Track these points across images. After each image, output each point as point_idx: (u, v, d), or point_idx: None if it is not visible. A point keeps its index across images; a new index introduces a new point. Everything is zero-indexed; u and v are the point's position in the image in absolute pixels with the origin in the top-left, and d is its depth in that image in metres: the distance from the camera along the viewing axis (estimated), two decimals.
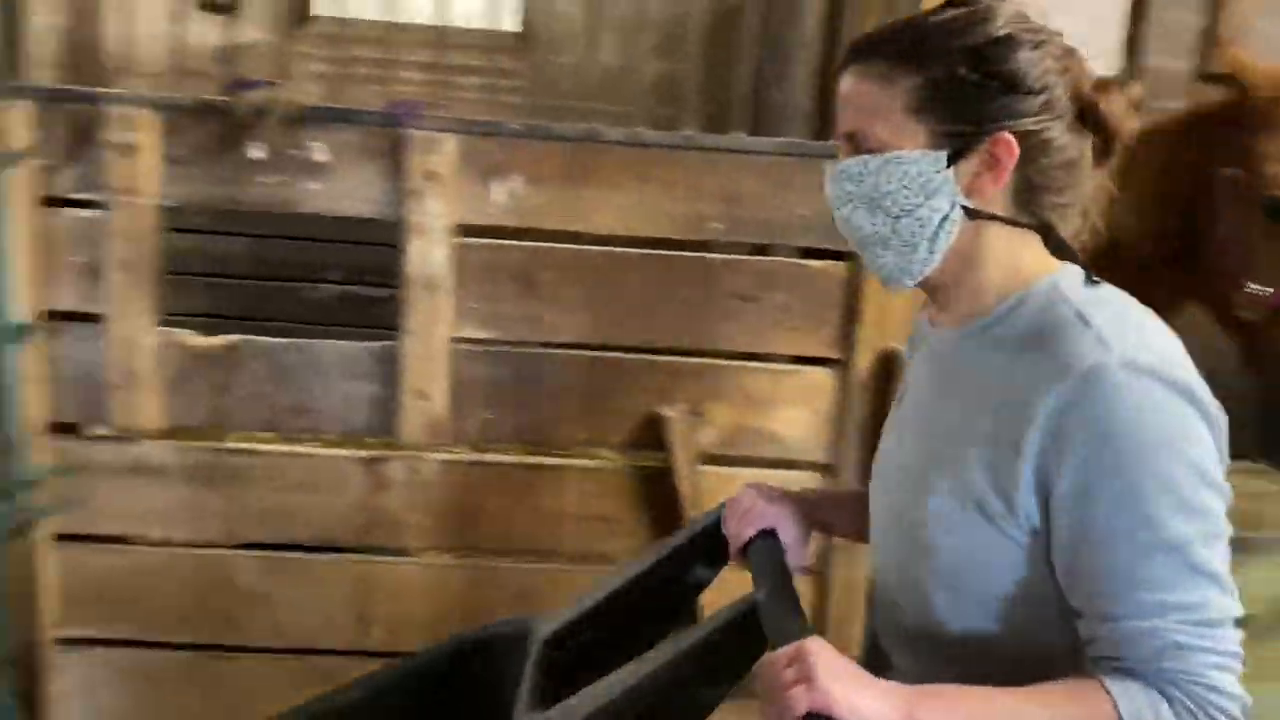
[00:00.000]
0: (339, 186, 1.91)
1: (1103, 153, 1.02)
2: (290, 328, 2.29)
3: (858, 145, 1.02)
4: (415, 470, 2.00)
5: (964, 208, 0.99)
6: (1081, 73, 1.00)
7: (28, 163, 1.83)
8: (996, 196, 0.99)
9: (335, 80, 2.83)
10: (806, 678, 0.84)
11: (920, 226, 1.00)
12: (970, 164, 0.98)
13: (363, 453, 2.01)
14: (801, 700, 0.83)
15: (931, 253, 1.01)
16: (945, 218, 0.99)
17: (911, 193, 0.99)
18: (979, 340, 1.03)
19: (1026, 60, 0.97)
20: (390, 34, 3.29)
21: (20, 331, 1.85)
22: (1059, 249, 1.02)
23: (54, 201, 1.87)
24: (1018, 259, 1.01)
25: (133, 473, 1.97)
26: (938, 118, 0.98)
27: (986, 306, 1.02)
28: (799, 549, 1.21)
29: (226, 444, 2.00)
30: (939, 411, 1.06)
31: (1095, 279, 1.00)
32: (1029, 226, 1.00)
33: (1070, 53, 1.01)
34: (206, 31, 2.79)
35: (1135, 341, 0.92)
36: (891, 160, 0.99)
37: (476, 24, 4.06)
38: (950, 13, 1.01)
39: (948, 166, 0.98)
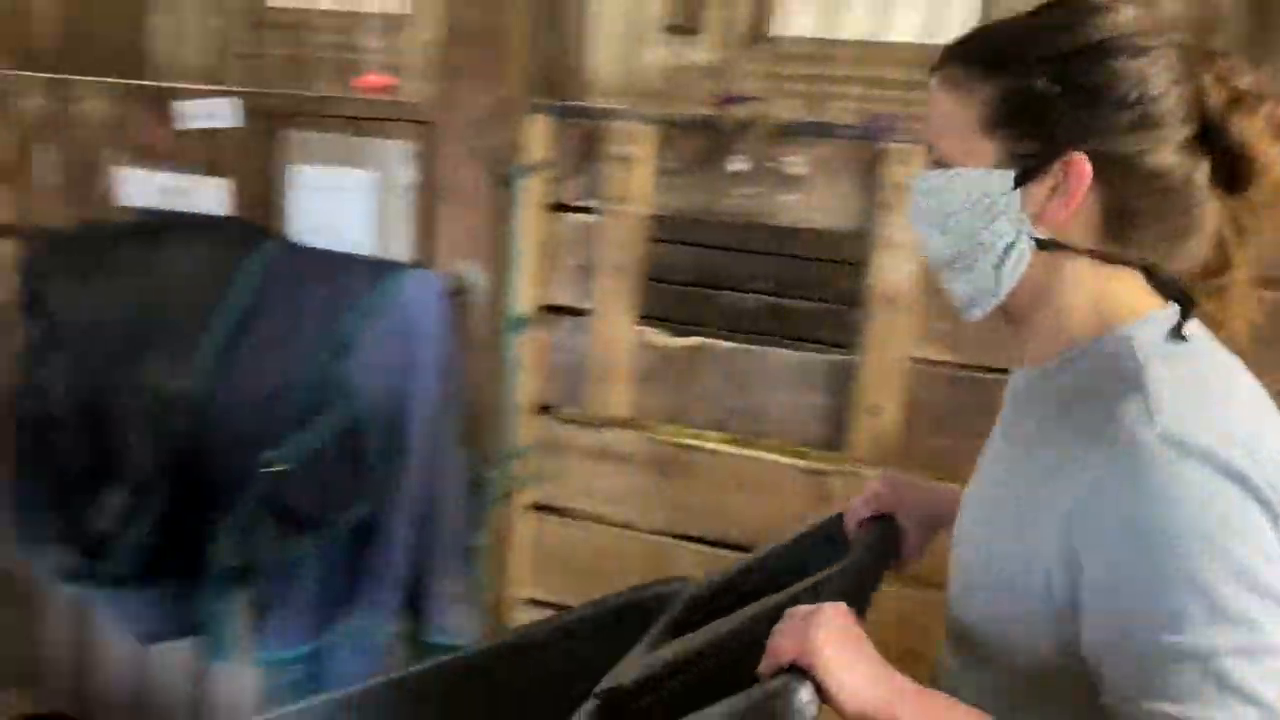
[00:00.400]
0: (813, 199, 1.95)
1: (1231, 179, 0.86)
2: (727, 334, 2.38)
3: (934, 158, 0.94)
4: (860, 486, 1.99)
5: (1034, 237, 0.89)
6: (1214, 84, 0.85)
7: (541, 172, 2.06)
8: (1077, 225, 0.88)
9: (798, 96, 2.90)
10: (807, 635, 0.84)
11: (984, 253, 0.91)
12: (1042, 187, 0.87)
13: (808, 463, 2.04)
14: (789, 651, 0.84)
15: (998, 283, 0.91)
16: (1011, 245, 0.89)
17: (975, 215, 0.90)
18: (1042, 386, 0.93)
19: (1121, 70, 0.84)
20: (854, 51, 3.29)
21: (522, 322, 2.09)
22: (1164, 288, 0.89)
23: (558, 208, 2.09)
24: (1104, 298, 0.89)
25: (600, 456, 2.15)
26: (1010, 134, 0.88)
27: (1059, 349, 0.92)
28: (915, 540, 1.17)
29: (682, 439, 2.13)
30: (1000, 453, 0.99)
31: (1182, 332, 0.86)
32: (1119, 261, 0.88)
33: (1204, 58, 0.86)
34: (671, 53, 2.97)
35: (1193, 413, 0.80)
36: (956, 177, 0.90)
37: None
38: (1049, 14, 0.89)
39: (1015, 188, 0.88)
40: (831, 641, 0.84)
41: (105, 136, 2.36)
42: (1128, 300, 0.89)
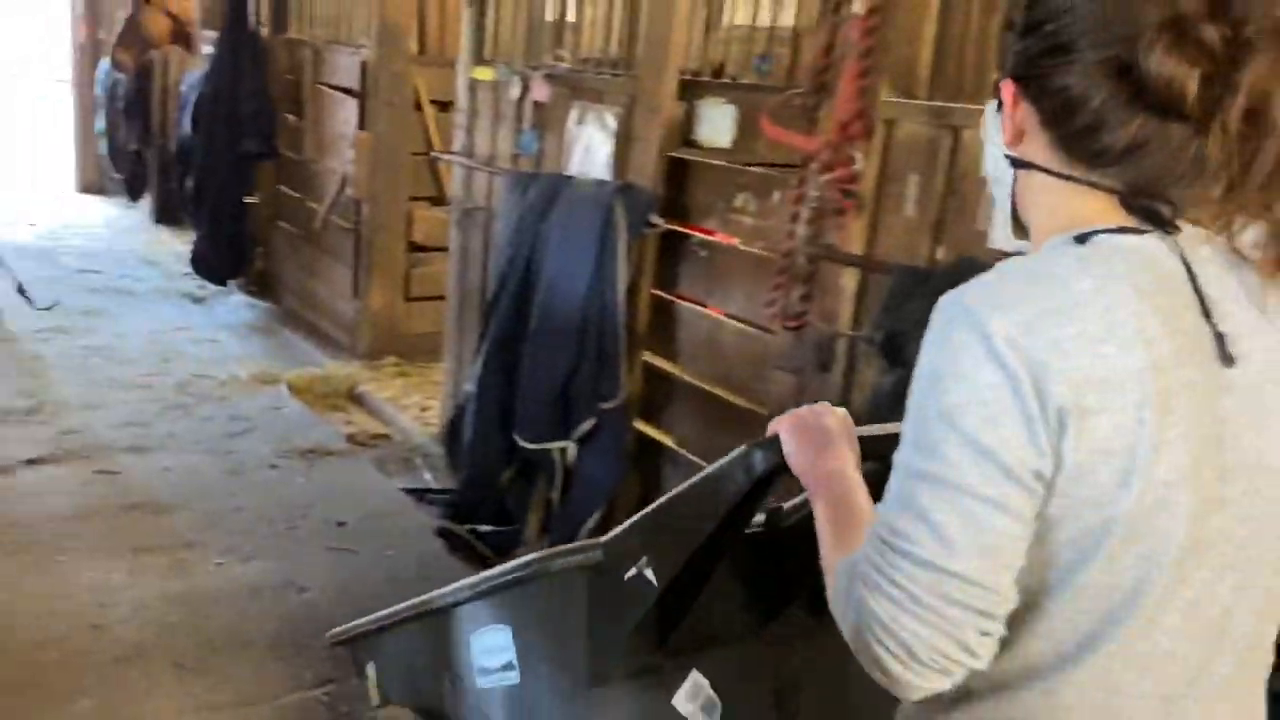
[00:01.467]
0: None
1: (1159, 106, 0.87)
2: None
3: None
4: None
5: (1007, 156, 0.99)
6: (1154, 14, 0.86)
7: None
8: (1037, 146, 0.96)
9: None
10: (786, 417, 1.19)
11: (994, 171, 1.05)
12: (1004, 114, 0.99)
13: None
14: (773, 428, 1.18)
15: (998, 199, 1.05)
16: (999, 166, 1.02)
17: (989, 141, 1.05)
18: None
19: (1056, 2, 0.91)
20: None
21: None
22: (1132, 208, 0.92)
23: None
24: (1063, 213, 0.95)
25: None
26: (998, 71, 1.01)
27: None
28: None
29: None
30: None
31: (1083, 237, 0.91)
32: (1076, 180, 0.93)
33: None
34: None
35: (995, 289, 0.90)
36: (987, 108, 1.05)
37: None
38: None
39: (998, 113, 1.00)
40: (799, 424, 1.17)
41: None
42: (1087, 216, 0.93)
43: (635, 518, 1.37)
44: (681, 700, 1.39)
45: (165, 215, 8.42)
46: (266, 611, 3.05)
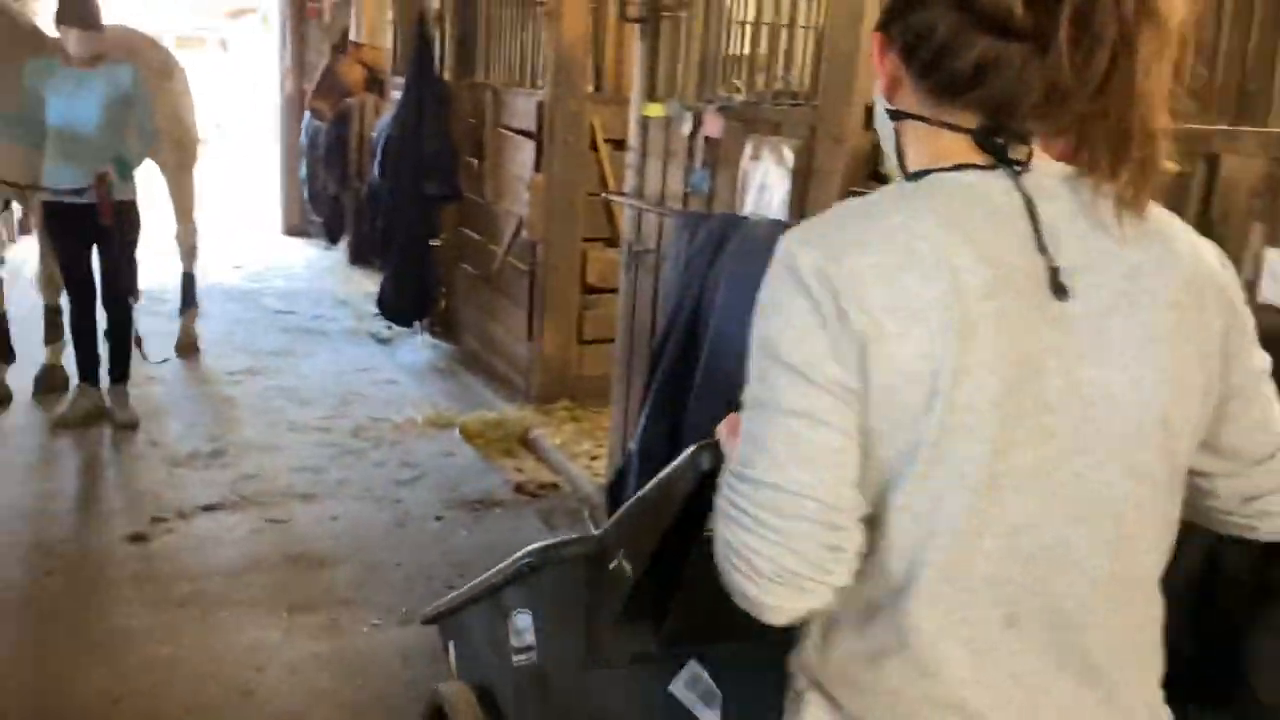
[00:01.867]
0: None
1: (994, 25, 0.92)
2: None
3: None
4: None
5: (886, 108, 1.04)
6: None
7: None
8: (906, 94, 1.00)
9: None
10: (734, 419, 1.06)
11: (879, 125, 1.08)
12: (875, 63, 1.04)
13: None
14: (719, 432, 1.15)
15: (889, 150, 1.07)
16: (881, 117, 1.06)
17: (876, 96, 1.08)
18: None
19: None
20: None
21: None
22: (982, 145, 0.96)
23: None
24: (927, 157, 1.00)
25: None
26: None
27: None
28: None
29: None
30: None
31: (917, 175, 0.99)
32: (937, 123, 0.98)
33: None
34: None
35: (816, 228, 0.98)
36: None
37: None
38: None
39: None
40: (735, 425, 1.02)
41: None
42: (943, 157, 0.98)
43: (618, 513, 1.51)
44: (679, 687, 1.47)
45: (360, 257, 8.73)
46: (418, 679, 2.89)
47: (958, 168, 0.96)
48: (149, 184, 5.76)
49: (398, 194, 6.29)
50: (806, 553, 0.90)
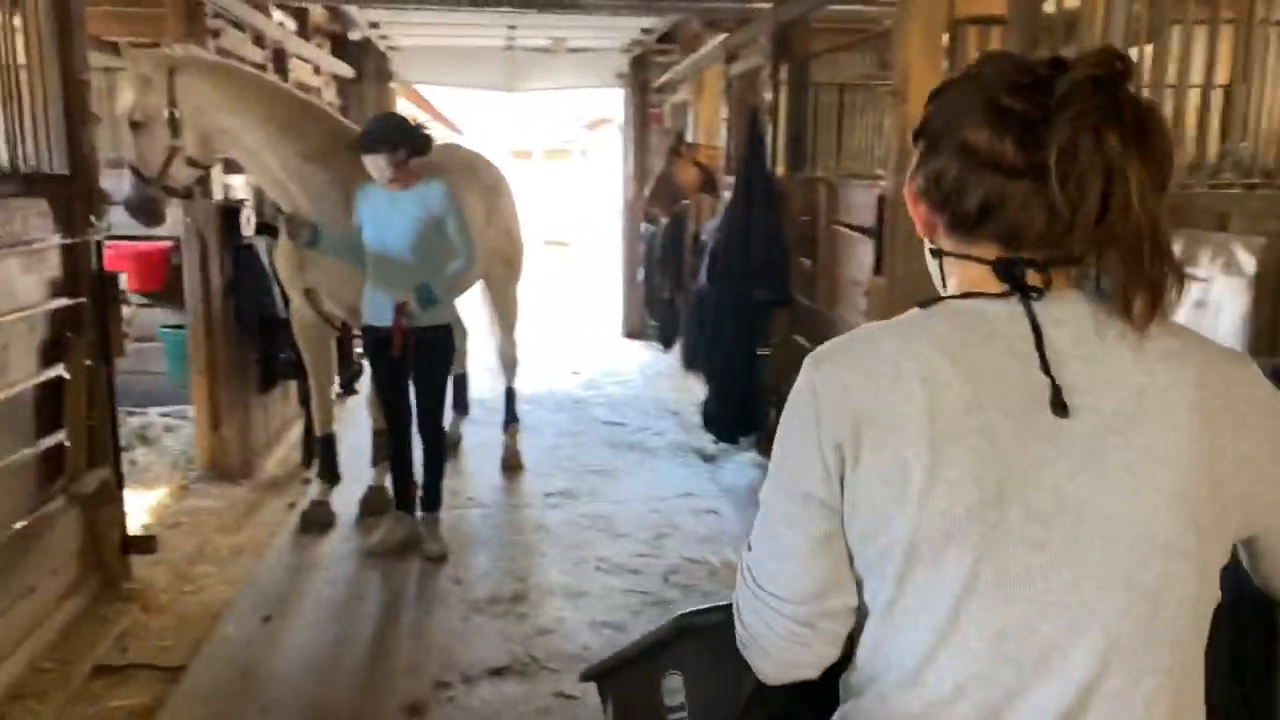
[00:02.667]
0: None
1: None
2: None
3: None
4: None
5: (929, 249, 1.16)
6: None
7: None
8: (943, 234, 1.11)
9: None
10: None
11: (929, 265, 1.18)
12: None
13: None
14: None
15: (937, 284, 1.16)
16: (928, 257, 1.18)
17: None
18: None
19: (926, 119, 1.12)
20: None
21: None
22: (1000, 274, 1.06)
23: None
24: (953, 287, 1.11)
25: None
26: None
27: None
28: None
29: None
30: None
31: (927, 303, 1.09)
32: (963, 256, 1.09)
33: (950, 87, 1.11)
34: None
35: (835, 341, 1.11)
36: None
37: None
38: None
39: None
40: None
41: None
42: (972, 285, 1.08)
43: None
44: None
45: (692, 362, 8.34)
46: None
47: (967, 295, 1.08)
48: (470, 298, 5.71)
49: (724, 298, 5.80)
50: (777, 629, 1.09)
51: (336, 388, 7.64)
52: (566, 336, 10.76)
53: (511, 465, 5.82)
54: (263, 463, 5.78)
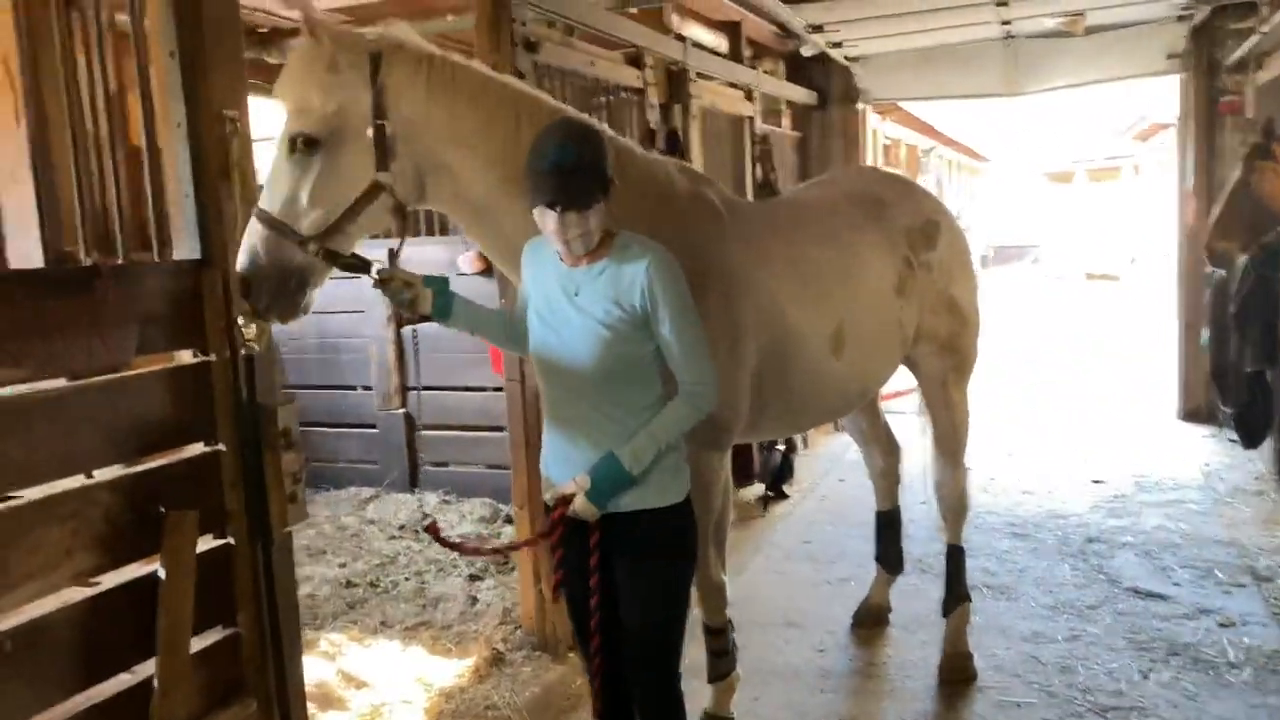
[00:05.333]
0: None
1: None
2: None
3: None
4: None
5: None
6: None
7: None
8: None
9: None
10: None
11: None
12: None
13: None
14: None
15: None
16: None
17: None
18: None
19: None
20: None
21: None
22: None
23: None
24: None
25: None
26: None
27: None
28: None
29: None
30: None
31: None
32: None
33: None
34: None
35: None
36: None
37: None
38: None
39: None
40: None
41: None
42: None
43: None
44: None
45: None
46: None
47: None
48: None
49: None
50: None
51: (756, 490, 5.98)
52: (1091, 412, 7.96)
53: (955, 673, 3.61)
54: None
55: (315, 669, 3.96)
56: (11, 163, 2.68)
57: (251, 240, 2.42)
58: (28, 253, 2.69)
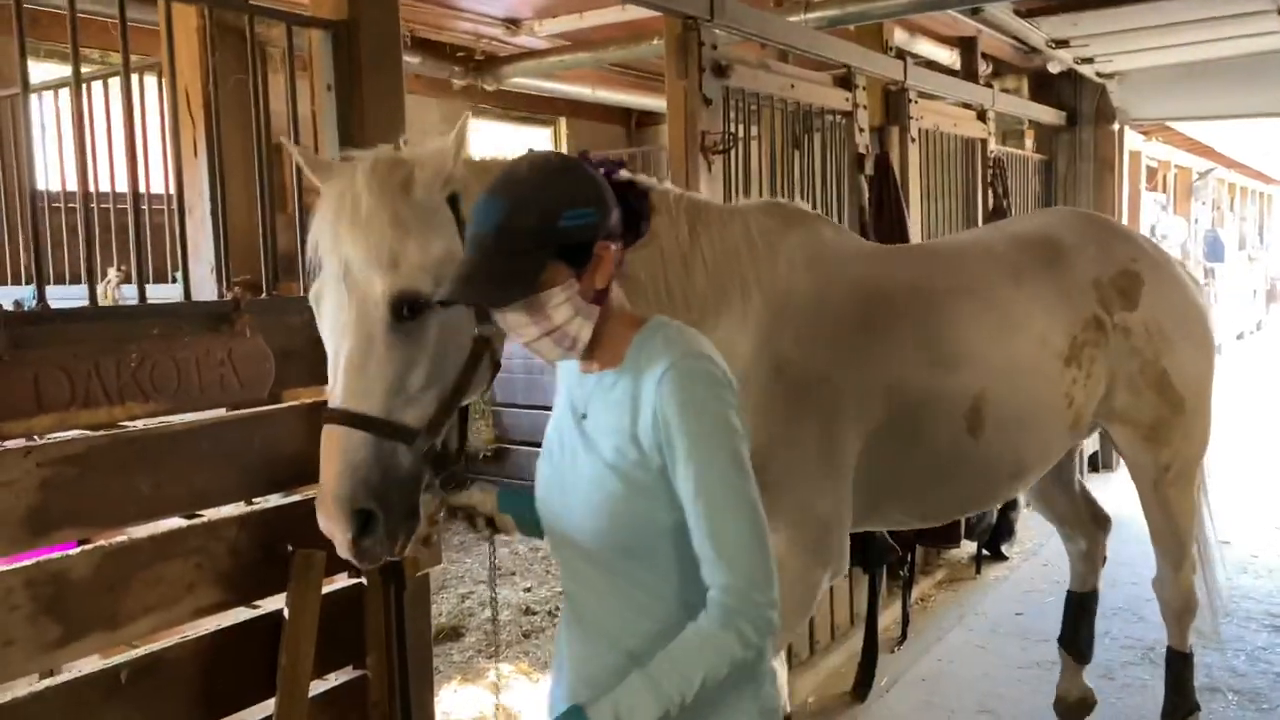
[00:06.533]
0: None
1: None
2: None
3: None
4: None
5: None
6: None
7: None
8: None
9: None
10: None
11: None
12: None
13: None
14: None
15: None
16: None
17: None
18: None
19: None
20: None
21: None
22: None
23: None
24: None
25: None
26: None
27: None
28: None
29: None
30: None
31: None
32: None
33: None
34: None
35: None
36: None
37: None
38: None
39: None
40: None
41: None
42: None
43: None
44: None
45: None
46: None
47: None
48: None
49: None
50: None
51: (969, 548, 5.37)
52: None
53: None
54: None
55: (477, 701, 3.92)
56: (191, 193, 2.77)
57: (350, 459, 1.68)
58: (200, 280, 2.78)
